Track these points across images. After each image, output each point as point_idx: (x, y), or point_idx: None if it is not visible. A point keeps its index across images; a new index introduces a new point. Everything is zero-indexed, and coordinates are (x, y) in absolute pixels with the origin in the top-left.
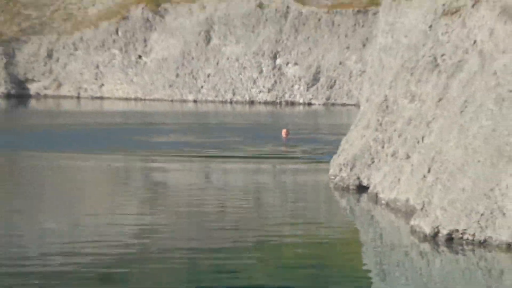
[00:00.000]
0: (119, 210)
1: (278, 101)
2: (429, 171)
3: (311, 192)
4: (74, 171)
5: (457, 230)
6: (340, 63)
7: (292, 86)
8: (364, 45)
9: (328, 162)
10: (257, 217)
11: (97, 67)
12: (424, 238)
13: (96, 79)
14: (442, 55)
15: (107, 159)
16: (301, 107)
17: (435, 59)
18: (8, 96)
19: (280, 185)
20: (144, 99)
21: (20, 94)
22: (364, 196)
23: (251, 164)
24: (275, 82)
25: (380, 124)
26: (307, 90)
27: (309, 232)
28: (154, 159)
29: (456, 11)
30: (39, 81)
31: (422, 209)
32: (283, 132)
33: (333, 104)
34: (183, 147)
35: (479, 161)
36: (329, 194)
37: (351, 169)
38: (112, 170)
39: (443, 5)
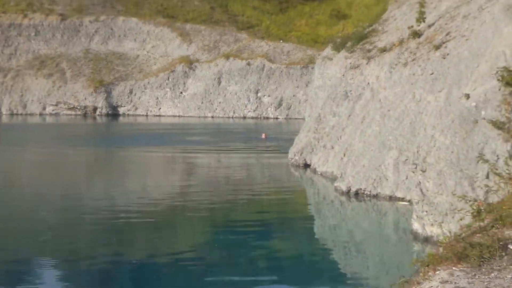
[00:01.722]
0: (167, 178)
1: (259, 117)
2: (344, 155)
3: (278, 168)
4: (146, 158)
5: (360, 189)
6: (294, 95)
7: (267, 108)
8: (307, 85)
9: (287, 152)
10: (245, 180)
11: (157, 98)
12: (342, 193)
13: (156, 105)
14: (350, 90)
15: (163, 150)
16: (272, 120)
17: (346, 92)
18: (107, 115)
19: (260, 164)
20: (183, 116)
21: (114, 114)
22: (308, 170)
23: (244, 154)
24: (257, 106)
25: (316, 129)
26: (275, 110)
27: (274, 190)
28: (188, 150)
29: (358, 66)
30: (124, 106)
31: (340, 177)
32: (263, 135)
33: (290, 118)
34: (204, 143)
35: (372, 150)
36: (288, 169)
37: (300, 154)
38: (164, 157)
39: (350, 63)
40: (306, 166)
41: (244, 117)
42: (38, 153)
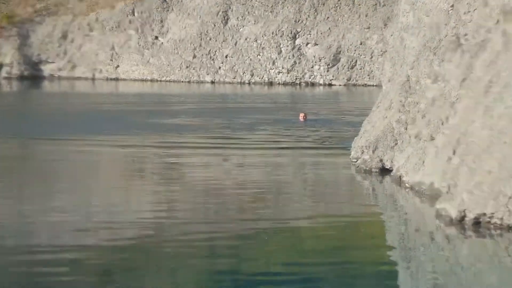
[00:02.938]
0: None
1: (297, 82)
2: (454, 153)
3: (331, 176)
4: (87, 155)
5: (484, 214)
6: (361, 43)
7: (312, 66)
8: (385, 25)
9: (349, 147)
10: (273, 202)
11: (113, 48)
12: (450, 222)
13: (111, 60)
14: (465, 34)
15: (121, 142)
16: (321, 88)
17: (458, 38)
18: (21, 77)
19: (298, 170)
20: (161, 81)
21: (33, 76)
22: (387, 179)
23: (269, 150)
24: (295, 62)
25: (403, 105)
26: (328, 71)
27: (331, 216)
28: (168, 142)
29: None
30: (53, 62)
31: (447, 192)
32: (301, 115)
33: (354, 85)
34: (197, 130)
35: (505, 142)
36: (350, 178)
37: (373, 151)
38: (123, 156)
39: None
40: (384, 172)
41: (271, 83)
42: None
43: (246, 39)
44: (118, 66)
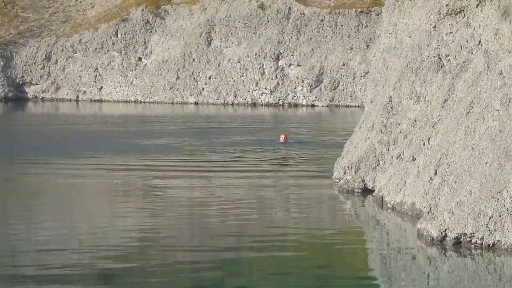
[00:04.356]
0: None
1: (280, 103)
2: (435, 173)
3: (315, 196)
4: (72, 177)
5: (465, 234)
6: (344, 64)
7: (295, 87)
8: (367, 46)
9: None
10: (258, 224)
11: (96, 69)
12: (431, 242)
13: (95, 81)
14: (447, 55)
15: (106, 164)
16: (304, 109)
17: (440, 59)
18: (5, 99)
19: (282, 191)
20: (144, 102)
21: (17, 97)
22: (369, 199)
23: (253, 172)
24: (278, 83)
25: (385, 126)
26: (310, 92)
27: (313, 236)
28: (152, 165)
29: (460, 11)
30: (37, 84)
31: (428, 212)
32: (282, 136)
33: (337, 106)
34: (182, 151)
35: (486, 163)
36: (333, 198)
37: (355, 172)
38: (110, 175)
39: (447, 5)
40: (366, 192)
41: (254, 104)
42: None
43: (229, 60)
44: (101, 87)
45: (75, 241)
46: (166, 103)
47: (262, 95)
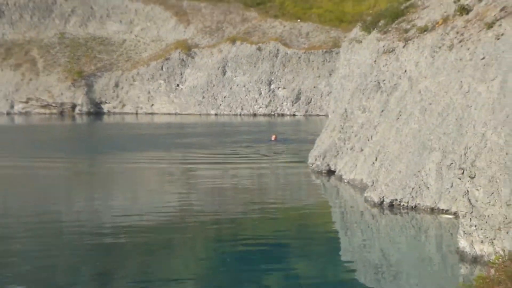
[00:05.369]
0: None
1: (272, 113)
2: (376, 159)
3: (295, 176)
4: (135, 167)
5: (396, 199)
6: (314, 87)
7: (282, 103)
8: (330, 74)
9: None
10: (257, 192)
11: (149, 92)
12: (374, 204)
13: (148, 100)
14: (383, 80)
15: (157, 156)
16: (288, 118)
17: (379, 83)
18: (88, 113)
19: (274, 172)
20: (181, 114)
21: (97, 112)
22: (332, 177)
23: (254, 160)
24: (270, 100)
25: (342, 128)
26: (292, 106)
27: (294, 200)
28: (188, 156)
29: (392, 50)
30: (110, 103)
31: (372, 185)
32: (273, 136)
33: (310, 115)
34: (207, 146)
35: (410, 152)
36: (308, 177)
37: (323, 159)
38: (158, 164)
39: (383, 46)
40: (330, 173)
41: (255, 114)
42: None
43: (237, 85)
44: (153, 104)
45: (138, 206)
46: (195, 114)
47: (259, 108)
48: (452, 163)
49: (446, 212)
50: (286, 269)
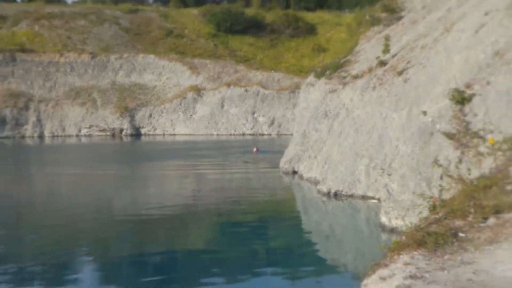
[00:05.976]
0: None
1: (255, 133)
2: (325, 163)
3: (270, 175)
4: (164, 170)
5: (339, 190)
6: (284, 115)
7: (262, 126)
8: (294, 107)
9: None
10: (242, 185)
11: (172, 120)
12: (324, 194)
13: (171, 126)
14: (329, 110)
15: (178, 163)
16: (266, 136)
17: (326, 112)
18: (131, 135)
19: (255, 173)
20: (194, 135)
21: (137, 134)
22: (296, 176)
23: (242, 165)
24: (254, 124)
25: (302, 143)
26: (269, 128)
27: (267, 194)
28: (198, 163)
29: (335, 90)
30: (145, 128)
31: (322, 181)
32: (255, 149)
33: (281, 135)
34: (210, 156)
35: (347, 158)
36: (279, 176)
37: (289, 163)
38: (178, 168)
39: (329, 88)
40: (294, 173)
41: (243, 134)
42: (75, 170)
43: (232, 114)
44: (174, 128)
45: (169, 199)
46: (203, 135)
47: (247, 130)
48: (376, 165)
49: (372, 198)
50: (261, 239)
